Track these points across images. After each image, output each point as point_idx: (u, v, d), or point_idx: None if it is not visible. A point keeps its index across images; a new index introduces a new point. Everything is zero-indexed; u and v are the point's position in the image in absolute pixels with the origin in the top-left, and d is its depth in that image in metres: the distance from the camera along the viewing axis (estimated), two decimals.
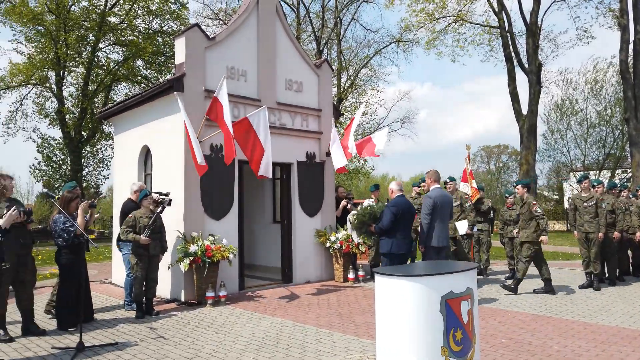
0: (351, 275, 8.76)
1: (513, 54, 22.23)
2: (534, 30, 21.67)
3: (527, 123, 21.48)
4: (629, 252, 9.36)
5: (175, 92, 7.25)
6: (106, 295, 7.89)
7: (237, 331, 5.48)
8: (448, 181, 8.74)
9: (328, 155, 9.09)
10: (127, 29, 23.59)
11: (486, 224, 9.55)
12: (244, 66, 8.23)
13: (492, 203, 10.68)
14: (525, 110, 21.87)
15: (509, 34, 22.19)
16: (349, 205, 9.32)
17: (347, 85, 29.25)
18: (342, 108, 27.36)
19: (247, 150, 6.94)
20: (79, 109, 22.98)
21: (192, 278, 7.06)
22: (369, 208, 6.57)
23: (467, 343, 3.29)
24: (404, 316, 3.18)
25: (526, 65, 21.97)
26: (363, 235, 6.81)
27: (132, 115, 8.80)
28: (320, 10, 28.22)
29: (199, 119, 7.27)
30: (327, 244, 8.85)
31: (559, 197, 33.51)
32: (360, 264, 9.60)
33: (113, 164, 10.28)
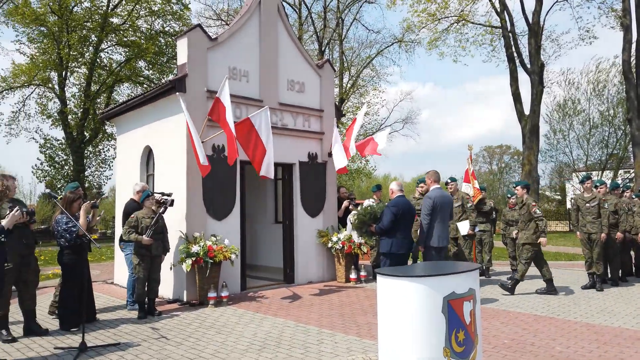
0: (353, 275, 8.75)
1: (515, 54, 22.21)
2: (536, 30, 21.64)
3: (530, 123, 21.45)
4: (632, 253, 9.32)
5: (177, 93, 7.25)
6: (108, 295, 7.90)
7: (239, 332, 5.49)
8: (449, 181, 8.73)
9: (330, 155, 9.09)
10: (130, 29, 23.67)
11: (488, 224, 9.53)
12: (246, 67, 8.24)
13: (495, 203, 10.65)
14: (527, 111, 21.86)
15: (511, 34, 22.17)
16: (351, 205, 9.32)
17: (349, 85, 29.27)
18: (344, 108, 27.38)
19: (249, 151, 6.95)
20: (81, 110, 23.05)
21: (194, 278, 7.07)
22: (369, 208, 6.56)
23: (469, 344, 3.29)
24: (406, 317, 3.18)
25: (528, 66, 21.96)
26: (363, 235, 6.81)
27: (135, 116, 8.82)
28: (322, 10, 28.26)
29: (201, 119, 7.28)
30: (329, 245, 8.85)
31: (561, 198, 33.47)
32: (362, 265, 9.59)
33: (115, 164, 10.31)
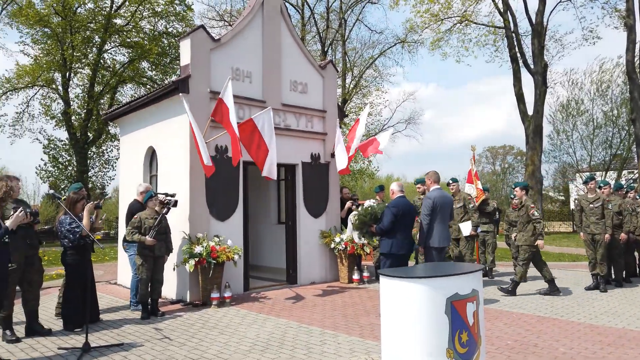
0: (356, 276, 8.75)
1: (518, 55, 22.15)
2: (539, 30, 21.58)
3: (533, 124, 21.38)
4: (636, 254, 9.29)
5: (180, 94, 7.27)
6: (112, 295, 7.92)
7: (242, 332, 5.49)
8: (451, 182, 8.71)
9: (333, 156, 9.08)
10: (133, 30, 23.72)
11: (491, 225, 9.50)
12: (249, 67, 8.25)
13: (498, 204, 10.63)
14: (530, 111, 21.79)
15: (514, 34, 22.11)
16: (353, 206, 9.31)
17: (352, 86, 29.27)
18: (346, 109, 27.36)
19: (252, 151, 6.96)
20: (84, 111, 23.12)
21: (198, 279, 7.08)
22: (370, 208, 6.55)
23: (472, 345, 3.28)
24: (409, 318, 3.18)
25: (532, 66, 21.89)
26: (364, 236, 6.79)
27: (138, 117, 8.84)
28: (325, 11, 28.28)
29: (204, 120, 7.29)
30: (332, 245, 8.85)
31: (564, 198, 33.39)
32: (365, 265, 9.58)
33: (119, 165, 10.34)
